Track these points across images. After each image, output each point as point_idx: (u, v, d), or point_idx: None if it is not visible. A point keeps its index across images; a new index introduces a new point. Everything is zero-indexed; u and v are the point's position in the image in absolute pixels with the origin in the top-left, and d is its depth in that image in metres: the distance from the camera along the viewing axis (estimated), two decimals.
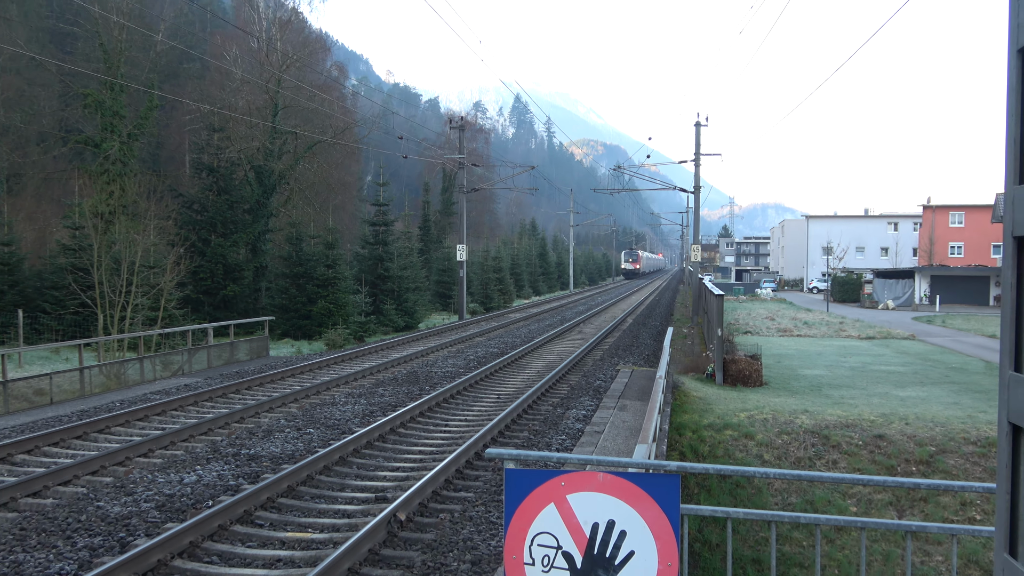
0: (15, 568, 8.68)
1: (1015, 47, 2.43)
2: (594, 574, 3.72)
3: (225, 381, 21.72)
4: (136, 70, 48.83)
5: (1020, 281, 2.41)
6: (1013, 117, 2.43)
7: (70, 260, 35.31)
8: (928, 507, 15.21)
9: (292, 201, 57.10)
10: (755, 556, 13.84)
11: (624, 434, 15.19)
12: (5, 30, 57.33)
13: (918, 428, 17.76)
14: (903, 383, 24.43)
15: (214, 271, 44.49)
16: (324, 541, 9.78)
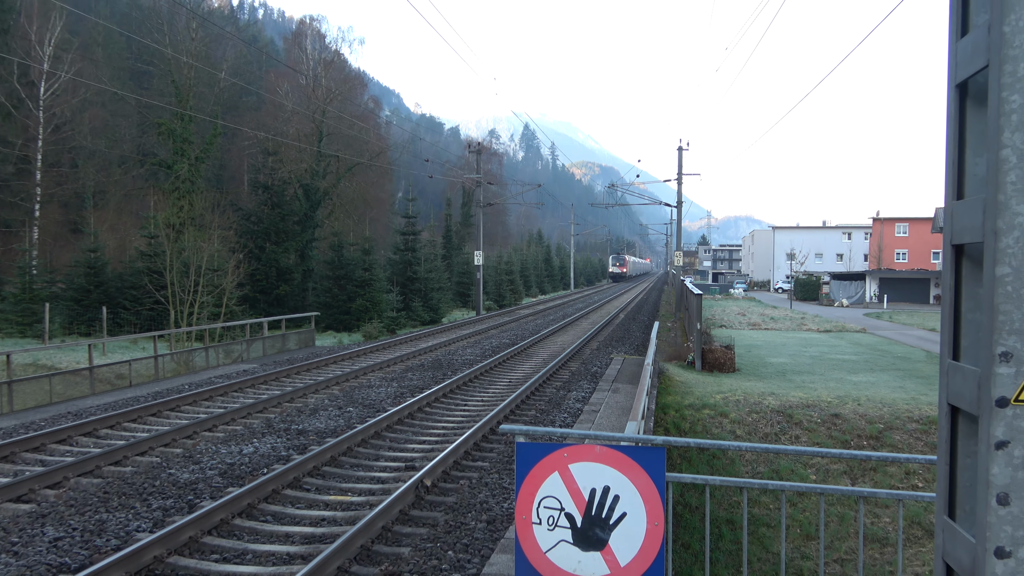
0: (99, 525, 8.70)
1: (953, 83, 2.42)
2: (592, 532, 3.69)
3: (277, 367, 21.75)
4: (202, 103, 48.99)
5: (957, 283, 2.43)
6: (952, 143, 2.44)
7: (146, 264, 35.48)
8: (877, 476, 15.15)
9: (334, 214, 57.23)
10: (729, 517, 13.80)
11: (617, 412, 15.16)
12: (92, 69, 57.54)
13: (868, 408, 17.70)
14: (855, 370, 24.37)
15: (268, 273, 44.62)
16: (361, 504, 9.78)
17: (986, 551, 2.20)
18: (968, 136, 2.40)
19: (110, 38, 71.26)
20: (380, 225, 72.77)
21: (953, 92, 2.43)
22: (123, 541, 8.25)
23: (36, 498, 9.67)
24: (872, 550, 13.43)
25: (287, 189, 49.41)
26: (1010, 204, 2.12)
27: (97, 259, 37.60)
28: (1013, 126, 2.11)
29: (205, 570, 7.59)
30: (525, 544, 3.79)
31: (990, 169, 2.17)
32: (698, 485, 12.75)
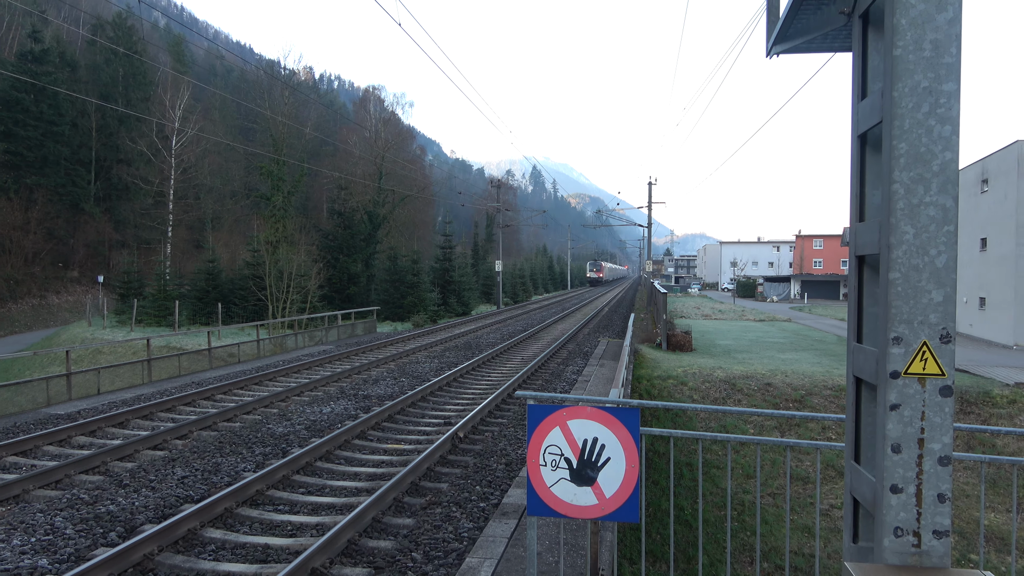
0: (215, 467, 8.74)
1: (856, 133, 2.43)
2: (584, 472, 3.69)
3: (348, 348, 21.82)
4: (292, 151, 49.23)
5: (860, 284, 2.44)
6: (855, 178, 2.44)
7: (251, 271, 35.62)
8: (800, 430, 15.04)
9: (391, 234, 57.35)
10: (688, 461, 13.73)
11: (603, 382, 15.12)
12: (211, 126, 57.95)
13: (794, 379, 17.59)
14: (784, 349, 24.20)
15: (341, 278, 44.73)
16: (411, 450, 9.79)
17: (883, 488, 2.19)
18: (867, 174, 2.40)
19: (224, 103, 71.72)
20: (425, 241, 72.90)
21: (856, 140, 2.43)
22: (233, 479, 8.28)
23: (168, 447, 9.74)
24: (797, 487, 13.34)
25: (355, 215, 49.55)
26: (899, 225, 2.12)
27: (214, 268, 37.80)
28: (901, 167, 2.11)
29: (295, 500, 7.62)
30: (534, 481, 3.78)
31: (884, 199, 2.17)
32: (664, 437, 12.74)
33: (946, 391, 2.15)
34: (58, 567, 5.82)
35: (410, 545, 6.40)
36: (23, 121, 52.46)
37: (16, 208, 50.36)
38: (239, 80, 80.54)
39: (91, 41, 61.65)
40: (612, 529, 6.20)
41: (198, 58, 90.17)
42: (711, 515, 12.42)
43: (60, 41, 58.95)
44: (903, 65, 2.08)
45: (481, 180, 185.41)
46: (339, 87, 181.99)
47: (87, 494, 7.57)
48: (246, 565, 5.90)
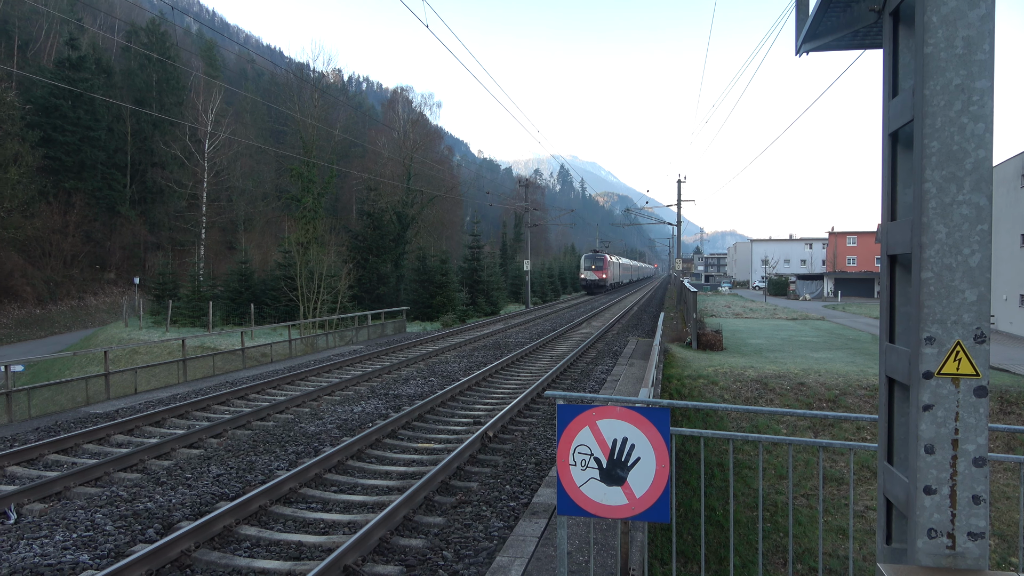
0: (250, 465, 8.89)
1: (887, 132, 2.41)
2: (614, 472, 3.70)
3: (378, 348, 22.00)
4: (322, 153, 49.71)
5: (892, 284, 2.43)
6: (886, 177, 2.42)
7: (282, 272, 36.07)
8: (834, 430, 14.84)
9: (420, 234, 57.69)
10: (718, 461, 13.63)
11: (632, 381, 15.07)
12: (242, 130, 58.76)
13: (828, 378, 17.34)
14: (817, 349, 23.88)
15: (371, 278, 45.09)
16: (441, 449, 9.85)
17: (917, 489, 2.18)
18: (899, 172, 2.38)
19: (255, 106, 72.67)
20: (453, 241, 73.20)
21: (887, 139, 2.41)
22: (267, 476, 8.42)
23: (204, 445, 9.92)
24: (831, 487, 13.17)
25: (385, 216, 49.93)
26: (932, 224, 2.10)
27: (246, 269, 38.36)
28: (933, 165, 2.09)
29: (327, 498, 7.72)
30: (564, 480, 3.80)
31: (916, 198, 2.15)
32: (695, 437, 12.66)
33: (980, 391, 2.13)
34: (98, 562, 5.97)
35: (441, 544, 6.45)
36: (61, 127, 53.74)
37: (55, 212, 51.61)
38: (269, 83, 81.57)
39: (126, 47, 62.89)
40: (643, 529, 6.18)
41: (229, 62, 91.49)
42: (742, 516, 12.32)
43: (96, 48, 60.26)
44: (934, 63, 2.06)
45: (509, 180, 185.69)
46: (367, 89, 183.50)
47: (126, 491, 7.75)
48: (280, 562, 6.00)
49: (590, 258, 68.33)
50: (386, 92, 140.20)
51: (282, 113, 53.31)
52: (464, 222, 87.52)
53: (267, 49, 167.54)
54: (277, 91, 65.87)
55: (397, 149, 61.69)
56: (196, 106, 53.99)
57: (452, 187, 70.89)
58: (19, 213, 45.97)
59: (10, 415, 12.33)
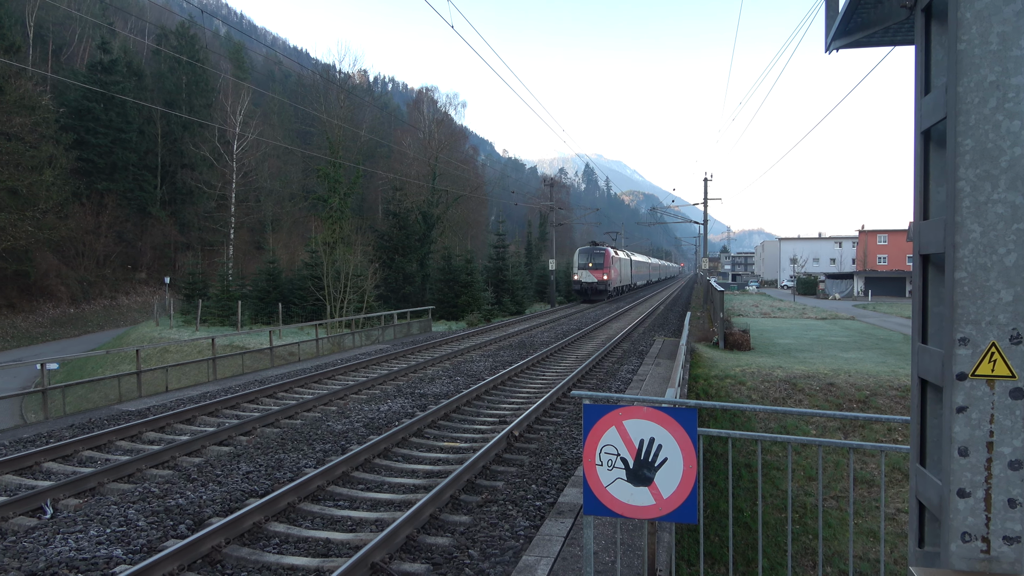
0: (278, 462, 8.99)
1: (919, 130, 2.38)
2: (641, 472, 3.69)
3: (404, 347, 22.11)
4: (348, 153, 50.09)
5: (924, 284, 2.40)
6: (918, 176, 2.40)
7: (309, 272, 36.44)
8: (864, 431, 14.64)
9: (445, 233, 57.90)
10: (746, 462, 13.53)
11: (659, 381, 14.99)
12: (270, 131, 59.41)
13: (858, 378, 17.11)
14: (847, 348, 23.56)
15: (396, 278, 45.37)
16: (467, 448, 9.89)
17: (950, 492, 2.15)
18: (931, 171, 2.35)
19: (283, 107, 73.44)
20: (478, 241, 73.36)
21: (919, 137, 2.38)
22: (295, 474, 8.51)
23: (233, 442, 10.05)
24: (861, 490, 13.00)
25: (410, 215, 50.20)
26: (965, 223, 2.07)
27: (274, 268, 38.80)
28: (967, 164, 2.06)
29: (355, 496, 7.79)
30: (591, 480, 3.80)
31: (949, 197, 2.12)
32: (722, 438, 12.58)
33: (1017, 393, 2.10)
34: (131, 557, 6.09)
35: (467, 542, 6.48)
36: (94, 129, 54.79)
37: (88, 213, 52.63)
38: (296, 85, 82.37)
39: (156, 50, 63.90)
40: (669, 530, 6.16)
41: (257, 64, 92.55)
42: (771, 517, 12.20)
43: (127, 51, 61.32)
44: (968, 59, 2.03)
45: (534, 179, 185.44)
46: (393, 89, 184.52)
47: (157, 487, 7.89)
48: (308, 559, 6.08)
49: (586, 253, 47.90)
50: (411, 92, 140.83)
51: (309, 114, 53.83)
52: (489, 222, 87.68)
53: (294, 51, 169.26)
54: (304, 92, 66.52)
55: (422, 149, 61.97)
56: (225, 108, 54.74)
57: (477, 187, 71.09)
58: (54, 214, 46.93)
59: (46, 412, 12.62)
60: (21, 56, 50.30)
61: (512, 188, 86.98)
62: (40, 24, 59.55)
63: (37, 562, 5.92)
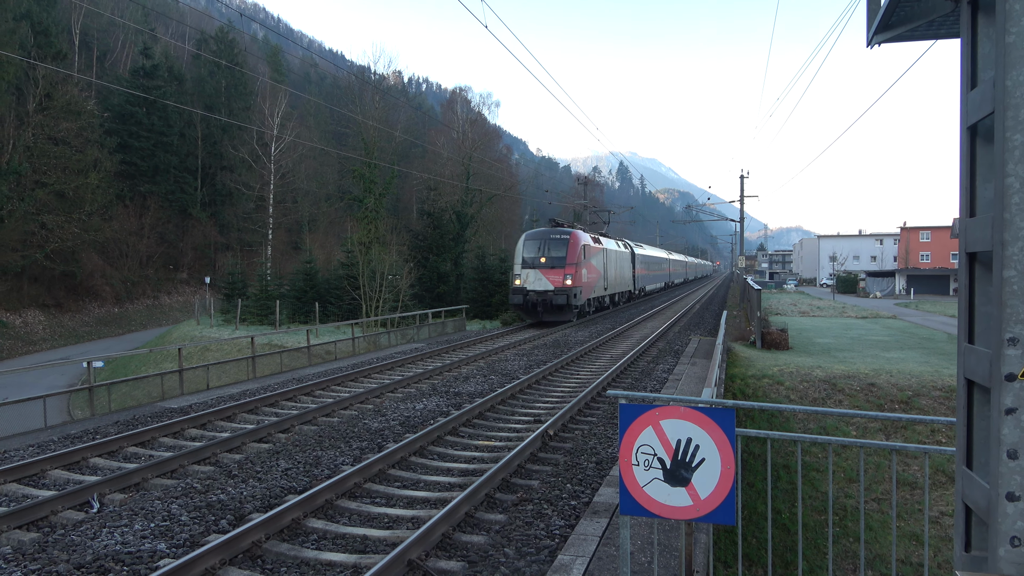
0: (316, 459, 9.11)
1: (965, 124, 2.33)
2: (678, 472, 3.67)
3: (439, 346, 22.22)
4: (383, 154, 50.53)
5: (971, 282, 2.35)
6: (965, 172, 2.35)
7: (345, 271, 36.83)
8: (907, 433, 14.33)
9: (479, 233, 58.07)
10: (784, 463, 13.34)
11: (695, 381, 14.85)
12: (307, 133, 60.22)
13: (899, 379, 16.75)
14: (888, 348, 23.07)
15: (431, 277, 45.62)
16: (501, 447, 9.91)
17: (999, 495, 2.10)
18: (978, 167, 2.30)
19: (319, 109, 74.34)
20: (512, 240, 73.36)
21: (965, 132, 2.33)
22: (333, 472, 8.62)
23: (272, 440, 10.21)
24: (903, 492, 12.73)
25: (444, 215, 50.44)
26: (1015, 221, 2.02)
27: (311, 268, 39.32)
28: (1016, 159, 2.01)
29: (391, 493, 7.86)
30: (627, 480, 3.79)
31: (997, 193, 2.07)
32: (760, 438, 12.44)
33: None
34: (175, 551, 6.23)
35: (502, 540, 6.50)
36: (136, 133, 56.09)
37: (131, 214, 53.94)
38: (332, 86, 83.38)
39: (196, 55, 65.17)
40: (706, 531, 6.11)
41: (294, 66, 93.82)
42: (809, 519, 12.02)
43: (168, 56, 62.63)
44: (1017, 53, 1.98)
45: (567, 177, 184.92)
46: (427, 89, 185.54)
47: (199, 483, 8.05)
48: (346, 555, 6.15)
49: (537, 240, 28.66)
50: (445, 92, 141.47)
51: (344, 115, 54.43)
52: (523, 221, 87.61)
53: (330, 53, 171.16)
54: (339, 94, 67.28)
55: (456, 149, 62.24)
56: (262, 110, 55.62)
57: (511, 186, 71.13)
58: (99, 216, 48.19)
59: (92, 409, 12.97)
60: (67, 63, 51.70)
61: (546, 187, 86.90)
62: (85, 31, 61.14)
63: (85, 555, 6.09)
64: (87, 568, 5.86)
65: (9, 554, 6.08)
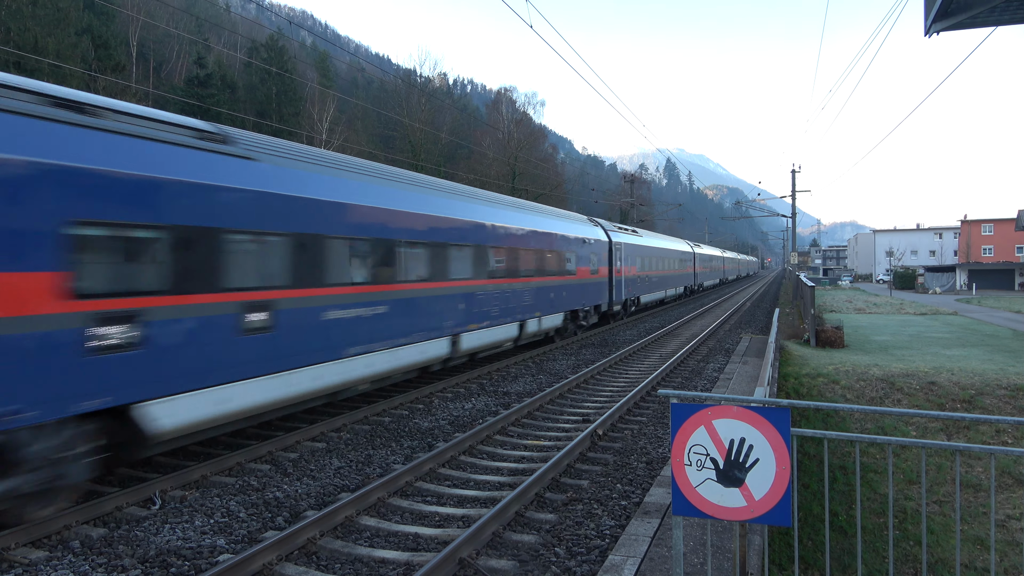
0: (368, 458, 9.25)
1: None
2: (732, 473, 3.62)
3: None
4: (429, 155, 51.04)
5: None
6: None
7: None
8: (970, 433, 13.85)
9: None
10: (840, 464, 13.02)
11: (746, 380, 14.62)
12: (355, 136, 61.11)
13: (961, 377, 16.18)
14: (949, 345, 22.31)
15: None
16: (550, 447, 9.91)
17: None
18: None
19: (366, 113, 75.37)
20: None
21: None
22: (384, 470, 8.74)
23: (326, 438, 10.39)
24: (967, 494, 12.31)
25: None
26: None
27: None
28: None
29: (441, 492, 7.93)
30: (679, 480, 3.76)
31: None
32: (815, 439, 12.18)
33: None
34: (233, 547, 6.40)
35: (553, 540, 6.50)
36: None
37: None
38: (379, 90, 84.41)
39: (247, 63, 66.76)
40: (760, 533, 6.01)
41: (341, 71, 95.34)
42: (867, 522, 11.72)
43: (221, 65, 64.30)
44: None
45: (613, 175, 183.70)
46: (472, 91, 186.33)
47: (257, 481, 8.25)
48: (398, 552, 6.23)
49: None
50: (490, 93, 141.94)
51: (391, 118, 55.12)
52: None
53: (376, 57, 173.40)
54: (386, 97, 68.12)
55: (502, 149, 62.46)
56: (311, 116, 56.66)
57: (557, 185, 71.07)
58: None
59: None
60: (125, 74, 53.49)
61: (591, 185, 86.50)
62: (142, 43, 63.18)
63: (148, 550, 6.30)
64: (150, 562, 6.07)
65: (77, 548, 6.32)
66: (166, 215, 7.53)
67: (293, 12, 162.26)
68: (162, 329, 7.45)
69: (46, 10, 40.47)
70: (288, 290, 9.26)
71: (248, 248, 8.74)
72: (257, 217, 8.78)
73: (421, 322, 12.71)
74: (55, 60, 35.45)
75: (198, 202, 7.92)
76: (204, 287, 7.98)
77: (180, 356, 7.67)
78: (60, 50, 38.92)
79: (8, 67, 31.64)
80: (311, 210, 9.75)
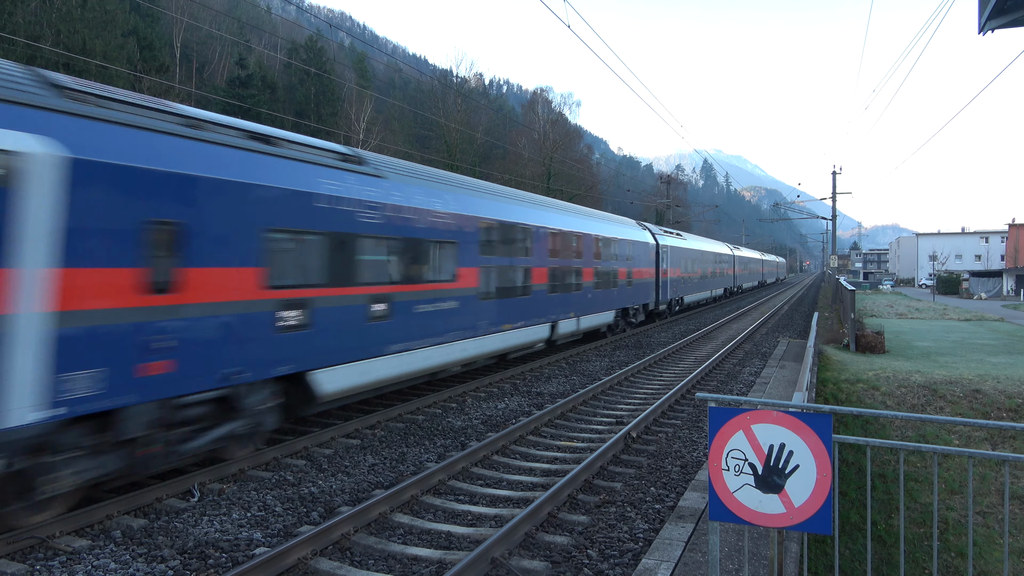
0: (401, 456, 9.30)
1: None
2: (771, 479, 3.55)
3: None
4: (465, 156, 51.21)
5: None
6: None
7: None
8: (1017, 443, 13.46)
9: None
10: (880, 472, 12.75)
11: (784, 384, 14.38)
12: (391, 136, 61.65)
13: (1008, 385, 15.71)
14: (995, 352, 21.68)
15: None
16: (583, 448, 9.86)
17: None
18: None
19: (403, 113, 75.93)
20: None
21: None
22: (418, 468, 8.78)
23: (360, 435, 10.48)
24: (1013, 505, 11.97)
25: None
26: None
27: None
28: None
29: (474, 491, 7.94)
30: (717, 485, 3.70)
31: None
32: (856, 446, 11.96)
33: None
34: (269, 540, 6.48)
35: (585, 542, 6.47)
36: None
37: None
38: (415, 91, 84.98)
39: (287, 64, 67.71)
40: (799, 540, 5.90)
41: (378, 72, 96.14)
42: (908, 532, 11.45)
43: (262, 66, 65.32)
44: None
45: (649, 176, 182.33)
46: (508, 91, 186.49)
47: (292, 476, 8.35)
48: (431, 550, 6.25)
49: None
50: (526, 94, 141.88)
51: (427, 119, 55.45)
52: None
53: (413, 58, 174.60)
54: (422, 98, 68.54)
55: (537, 149, 62.43)
56: (349, 116, 57.26)
57: (592, 186, 70.81)
58: None
59: None
60: (169, 75, 54.62)
61: (627, 186, 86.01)
62: (185, 44, 64.44)
63: (187, 541, 6.41)
64: (189, 553, 6.17)
65: (119, 538, 6.46)
66: (324, 224, 9.34)
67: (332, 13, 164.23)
68: (324, 314, 9.29)
69: (94, 13, 41.49)
70: (401, 285, 11.06)
71: (376, 249, 10.54)
72: (384, 224, 10.64)
73: (518, 313, 15.41)
74: (102, 61, 36.34)
75: (345, 213, 9.76)
76: (348, 281, 9.80)
77: (337, 335, 9.55)
78: (107, 51, 39.86)
79: (58, 67, 32.50)
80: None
